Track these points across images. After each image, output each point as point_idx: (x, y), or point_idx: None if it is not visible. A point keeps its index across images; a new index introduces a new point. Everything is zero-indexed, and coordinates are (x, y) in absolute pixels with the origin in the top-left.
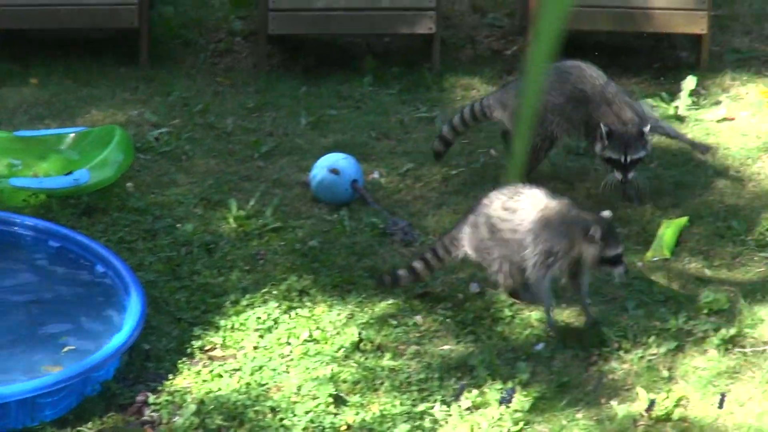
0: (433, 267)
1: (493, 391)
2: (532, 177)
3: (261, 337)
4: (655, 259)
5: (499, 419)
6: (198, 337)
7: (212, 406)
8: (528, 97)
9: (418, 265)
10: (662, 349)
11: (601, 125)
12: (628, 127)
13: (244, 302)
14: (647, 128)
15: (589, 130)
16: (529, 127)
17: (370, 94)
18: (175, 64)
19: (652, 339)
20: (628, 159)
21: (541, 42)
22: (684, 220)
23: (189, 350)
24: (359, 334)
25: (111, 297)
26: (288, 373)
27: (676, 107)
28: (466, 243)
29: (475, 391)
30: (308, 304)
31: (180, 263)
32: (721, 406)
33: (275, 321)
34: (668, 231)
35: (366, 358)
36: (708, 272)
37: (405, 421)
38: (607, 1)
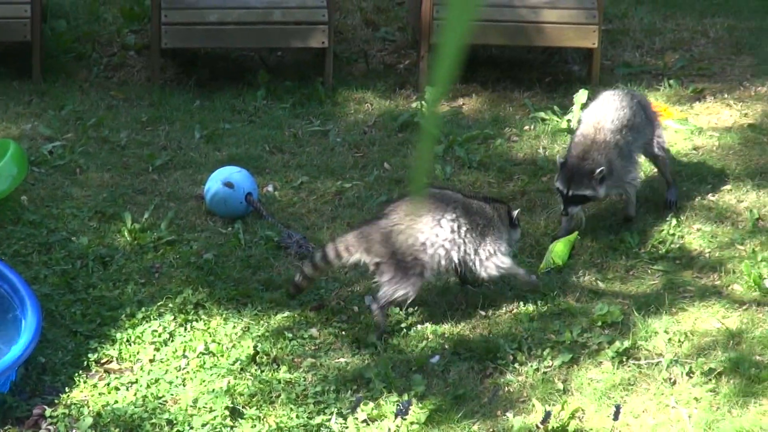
0: (321, 269)
1: (389, 404)
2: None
3: (157, 350)
4: (548, 270)
5: (396, 431)
6: (94, 350)
7: (109, 419)
8: (430, 113)
9: (307, 268)
10: (557, 362)
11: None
12: (584, 164)
13: (139, 315)
14: (598, 171)
15: None
16: (433, 142)
17: (264, 108)
18: (68, 77)
19: (547, 351)
20: (570, 193)
21: (443, 57)
22: (575, 233)
23: (85, 363)
24: (255, 346)
25: (6, 311)
26: (184, 385)
27: (569, 120)
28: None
29: (371, 404)
30: (204, 317)
31: (75, 276)
32: (616, 418)
33: (171, 334)
34: (559, 243)
35: (262, 371)
36: (602, 285)
37: None
38: (500, 15)
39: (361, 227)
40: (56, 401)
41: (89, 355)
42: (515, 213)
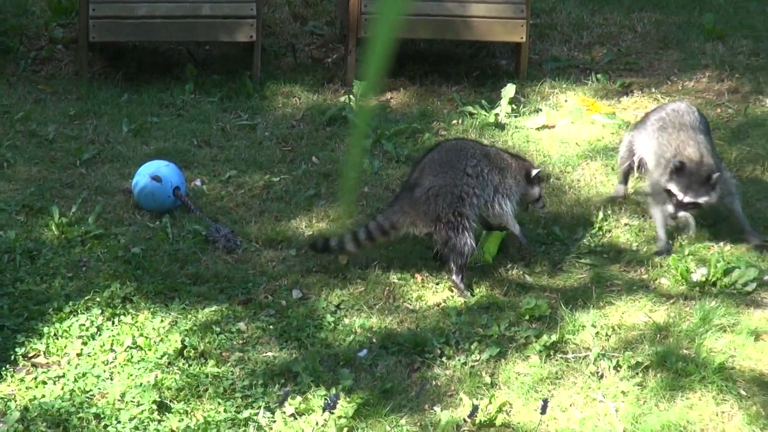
0: (363, 247)
1: (317, 398)
2: None
3: (84, 344)
4: (477, 265)
5: (324, 425)
6: (21, 344)
7: (36, 413)
8: (360, 107)
9: (348, 245)
10: (485, 356)
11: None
12: (702, 169)
13: (67, 309)
14: (715, 176)
15: None
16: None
17: (192, 102)
18: None
19: (474, 345)
20: (686, 199)
21: (373, 51)
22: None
23: (12, 357)
24: (183, 341)
25: None
26: (112, 379)
27: (497, 115)
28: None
29: (299, 398)
30: (131, 311)
31: (2, 270)
32: (543, 411)
33: (99, 328)
34: (490, 238)
35: (190, 365)
36: (529, 279)
37: (229, 428)
38: (428, 9)
39: (400, 202)
40: None
41: (16, 349)
42: (535, 171)
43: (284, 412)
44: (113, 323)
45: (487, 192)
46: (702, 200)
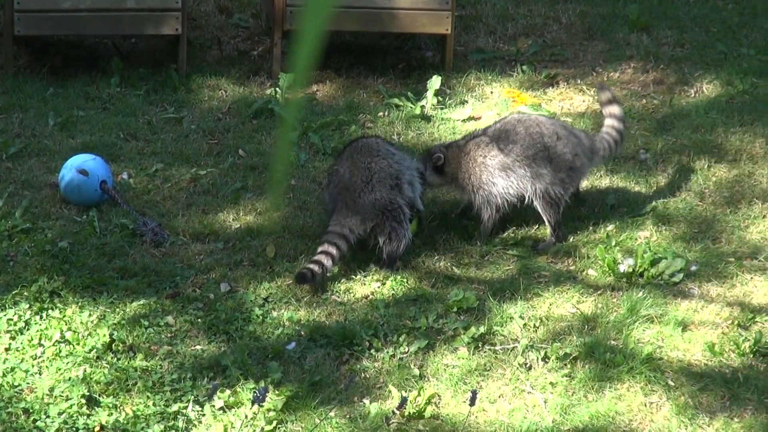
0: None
1: (245, 391)
2: None
3: (12, 338)
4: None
5: (253, 418)
6: None
7: None
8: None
9: (328, 262)
10: (413, 348)
11: None
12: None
13: None
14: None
15: None
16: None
17: (118, 95)
18: None
19: (403, 337)
20: None
21: (302, 44)
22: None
23: None
24: (111, 334)
25: None
26: (40, 374)
27: (422, 107)
28: None
29: (227, 391)
30: (59, 305)
31: None
32: (472, 403)
33: (27, 323)
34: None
35: (118, 359)
36: (457, 271)
37: (159, 422)
38: (354, 1)
39: (343, 206)
40: None
41: None
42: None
43: (213, 406)
44: (41, 317)
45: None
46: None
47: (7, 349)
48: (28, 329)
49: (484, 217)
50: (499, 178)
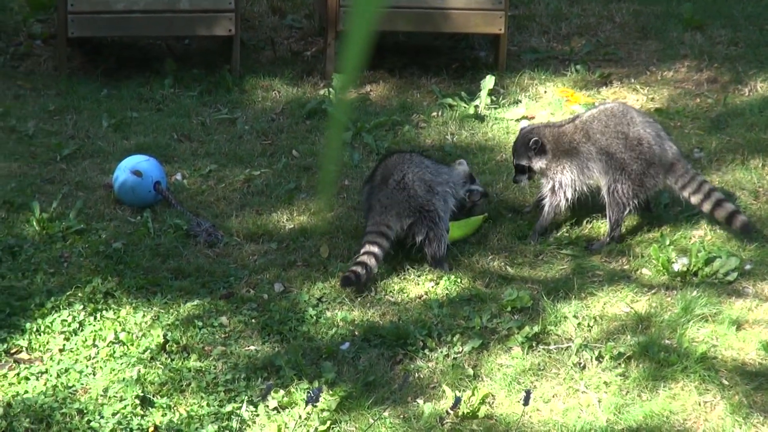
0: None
1: (299, 391)
2: None
3: (67, 339)
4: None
5: (307, 418)
6: (3, 340)
7: (19, 409)
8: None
9: (372, 262)
10: (467, 347)
11: None
12: None
13: (49, 305)
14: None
15: None
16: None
17: (171, 96)
18: None
19: (456, 337)
20: None
21: (351, 44)
22: (480, 218)
23: None
24: (165, 335)
25: None
26: (94, 375)
27: (476, 106)
28: None
29: (281, 391)
30: (113, 306)
31: None
32: (526, 403)
33: (81, 323)
34: (459, 225)
35: (172, 360)
36: (511, 270)
37: (212, 422)
38: (406, 1)
39: (377, 204)
40: None
41: None
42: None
43: (267, 406)
44: (95, 318)
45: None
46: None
47: (61, 350)
48: (82, 330)
49: (549, 203)
50: (575, 167)
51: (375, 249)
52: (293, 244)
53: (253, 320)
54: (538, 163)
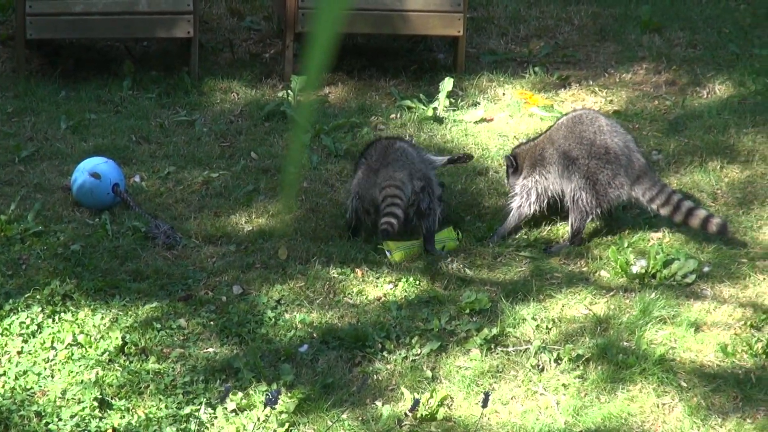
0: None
1: (258, 393)
2: None
3: (25, 341)
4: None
5: (265, 421)
6: None
7: None
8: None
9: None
10: (426, 350)
11: None
12: None
13: (7, 307)
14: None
15: None
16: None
17: (130, 98)
18: None
19: (415, 339)
20: None
21: (314, 47)
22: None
23: None
24: (123, 337)
25: None
26: (53, 377)
27: (435, 109)
28: None
29: (240, 394)
30: (72, 308)
31: None
32: (484, 405)
33: (39, 326)
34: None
35: (131, 362)
36: (470, 272)
37: (171, 424)
38: (365, 3)
39: (388, 168)
40: None
41: None
42: None
43: (225, 408)
44: (54, 321)
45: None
46: None
47: (19, 352)
48: (40, 332)
49: (512, 206)
50: (538, 172)
51: (398, 201)
52: (252, 247)
53: (211, 322)
54: (515, 182)
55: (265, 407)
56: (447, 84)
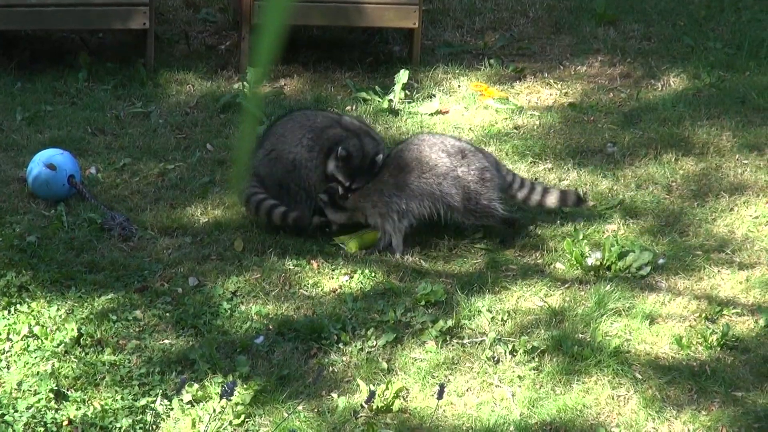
0: None
1: (214, 385)
2: None
3: None
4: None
5: (221, 412)
6: None
7: None
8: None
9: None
10: (381, 341)
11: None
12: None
13: None
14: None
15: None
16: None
17: (86, 90)
18: None
19: (371, 331)
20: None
21: (264, 37)
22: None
23: None
24: (79, 329)
25: None
26: (8, 369)
27: (390, 101)
28: None
29: (196, 385)
30: (27, 300)
31: None
32: (440, 396)
33: None
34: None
35: (86, 353)
36: (425, 264)
37: (127, 416)
38: None
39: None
40: None
41: None
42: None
43: (181, 400)
44: (9, 312)
45: None
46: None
47: None
48: None
49: None
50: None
51: None
52: (207, 238)
53: (167, 314)
54: None
55: (221, 399)
56: (402, 76)
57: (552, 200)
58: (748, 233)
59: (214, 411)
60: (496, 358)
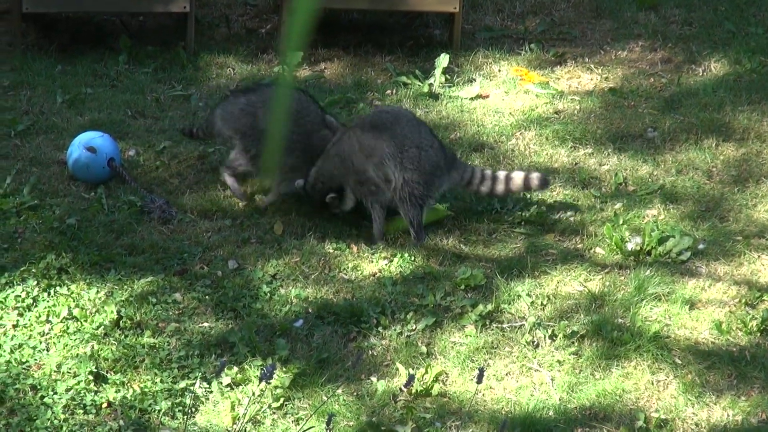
0: None
1: (253, 368)
2: None
3: (20, 315)
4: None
5: (260, 395)
6: None
7: None
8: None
9: None
10: (420, 325)
11: None
12: None
13: (2, 281)
14: None
15: None
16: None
17: (126, 73)
18: None
19: (410, 315)
20: None
21: (296, 20)
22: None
23: None
24: (119, 311)
25: None
26: (48, 351)
27: (430, 85)
28: None
29: (235, 368)
30: (67, 282)
31: None
32: (479, 381)
33: (34, 299)
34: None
35: (126, 336)
36: (465, 248)
37: (166, 398)
38: None
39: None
40: None
41: None
42: None
43: (221, 383)
44: (49, 294)
45: None
46: None
47: (15, 326)
48: (36, 306)
49: None
50: None
51: None
52: (247, 222)
53: (207, 297)
54: None
55: (260, 382)
56: (443, 60)
57: (517, 183)
58: None
59: (253, 394)
60: (535, 343)
